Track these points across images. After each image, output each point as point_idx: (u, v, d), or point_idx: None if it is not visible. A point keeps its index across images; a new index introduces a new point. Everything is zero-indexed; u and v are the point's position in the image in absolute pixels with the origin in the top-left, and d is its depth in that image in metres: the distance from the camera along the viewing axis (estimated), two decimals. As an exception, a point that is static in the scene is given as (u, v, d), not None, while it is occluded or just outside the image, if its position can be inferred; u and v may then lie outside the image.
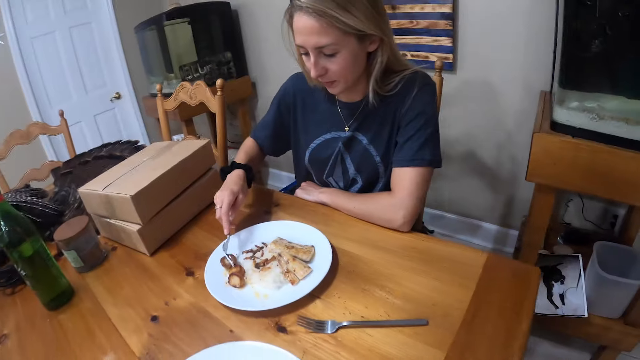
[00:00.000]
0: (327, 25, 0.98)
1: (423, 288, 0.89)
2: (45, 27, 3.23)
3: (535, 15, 1.83)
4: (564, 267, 1.76)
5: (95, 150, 1.75)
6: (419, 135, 1.13)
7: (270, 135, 1.44)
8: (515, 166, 2.23)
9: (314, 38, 1.01)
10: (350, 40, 1.03)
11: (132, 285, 1.07)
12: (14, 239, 0.95)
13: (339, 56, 1.04)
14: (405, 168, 1.13)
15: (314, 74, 1.08)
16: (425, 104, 1.14)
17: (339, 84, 1.13)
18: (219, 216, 1.10)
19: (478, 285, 0.87)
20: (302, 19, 1.00)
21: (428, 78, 1.18)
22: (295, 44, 1.08)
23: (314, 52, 1.04)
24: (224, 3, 3.14)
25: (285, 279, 0.95)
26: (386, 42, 1.09)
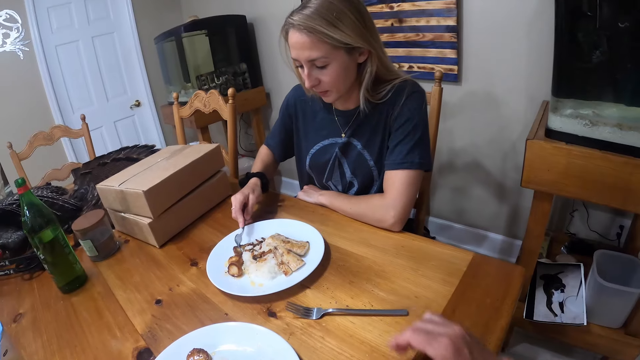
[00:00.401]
0: (317, 41, 1.08)
1: (408, 283, 0.94)
2: (70, 36, 3.37)
3: (538, 27, 1.87)
4: (565, 275, 1.79)
5: (114, 153, 1.84)
6: (408, 139, 1.21)
7: (280, 142, 1.55)
8: (519, 176, 2.17)
9: (306, 52, 1.11)
10: (339, 53, 1.12)
11: (140, 274, 1.16)
12: (35, 225, 1.05)
13: (330, 68, 1.14)
14: (396, 171, 1.20)
15: (307, 85, 1.18)
16: (414, 110, 1.22)
17: (332, 94, 1.22)
18: (234, 215, 1.22)
19: (461, 282, 0.92)
20: (295, 35, 1.10)
21: (417, 86, 1.26)
22: (291, 57, 1.18)
23: (307, 64, 1.14)
24: (239, 16, 3.24)
25: (280, 270, 1.02)
26: (374, 54, 1.17)
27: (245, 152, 3.95)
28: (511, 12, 1.94)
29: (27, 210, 1.05)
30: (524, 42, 1.95)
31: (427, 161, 1.22)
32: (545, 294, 1.77)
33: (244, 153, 3.93)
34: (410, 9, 2.27)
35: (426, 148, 1.24)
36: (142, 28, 3.73)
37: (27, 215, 1.05)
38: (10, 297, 1.17)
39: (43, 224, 1.06)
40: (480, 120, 2.28)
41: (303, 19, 1.07)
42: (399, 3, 2.29)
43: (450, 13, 2.12)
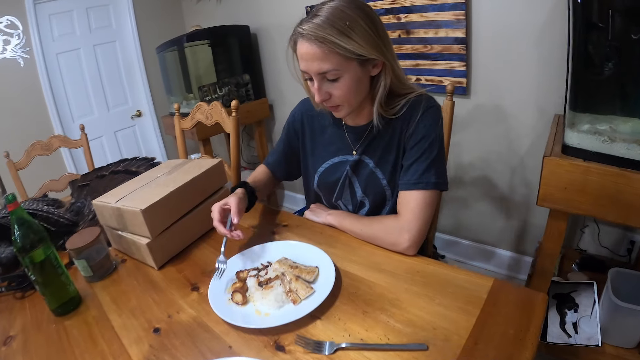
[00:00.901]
0: (329, 52, 1.01)
1: (425, 313, 0.88)
2: (71, 44, 3.35)
3: (548, 39, 1.84)
4: (578, 294, 1.72)
5: (113, 165, 1.79)
6: (424, 158, 1.14)
7: (282, 160, 1.47)
8: (529, 191, 2.21)
9: (316, 64, 1.04)
10: (352, 65, 1.05)
11: (137, 297, 1.08)
12: (26, 244, 0.99)
13: (342, 81, 1.07)
14: (411, 191, 1.13)
15: (317, 99, 1.11)
16: (429, 127, 1.15)
17: (343, 108, 1.15)
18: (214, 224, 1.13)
19: (482, 311, 0.86)
20: (304, 46, 1.04)
21: (432, 100, 1.19)
22: (300, 69, 1.12)
23: (317, 77, 1.07)
24: (243, 27, 3.21)
25: (287, 298, 0.95)
26: (388, 66, 1.10)
27: (248, 165, 3.90)
28: (521, 24, 1.91)
29: (17, 228, 0.98)
30: (534, 54, 1.92)
31: (443, 180, 1.16)
32: (559, 314, 1.71)
33: (246, 166, 3.88)
34: (418, 20, 2.24)
35: (443, 167, 1.17)
36: (144, 37, 3.71)
37: (17, 233, 0.98)
38: (1, 318, 1.11)
39: (34, 242, 1.00)
40: (488, 134, 2.24)
41: (313, 28, 1.00)
42: (407, 14, 2.27)
43: (459, 24, 2.09)
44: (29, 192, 2.44)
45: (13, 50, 3.05)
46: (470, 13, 2.05)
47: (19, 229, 0.98)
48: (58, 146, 2.55)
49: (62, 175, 2.53)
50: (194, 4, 3.79)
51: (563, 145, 1.44)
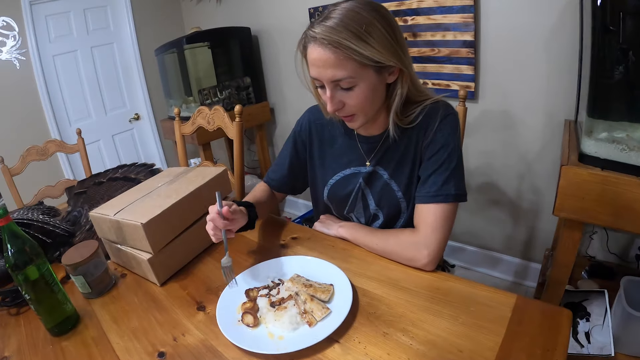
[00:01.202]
0: (344, 58, 0.93)
1: (448, 333, 0.82)
2: (68, 46, 3.29)
3: (558, 43, 1.82)
4: (589, 303, 1.67)
5: (111, 171, 1.72)
6: (443, 169, 1.08)
7: (286, 175, 1.38)
8: (537, 197, 2.18)
9: (330, 71, 0.96)
10: (368, 73, 0.98)
11: (139, 316, 1.02)
12: (19, 261, 0.92)
13: (357, 89, 0.99)
14: (429, 204, 1.07)
15: (330, 109, 1.03)
16: (448, 136, 1.08)
17: (357, 118, 1.07)
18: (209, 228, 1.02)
19: (507, 330, 0.81)
20: (316, 51, 0.96)
21: (450, 108, 1.12)
22: (310, 76, 1.04)
23: (330, 85, 0.99)
24: (244, 28, 3.16)
25: (302, 320, 0.89)
26: (406, 73, 1.03)
27: (248, 170, 3.84)
28: (530, 27, 1.88)
29: (9, 244, 0.92)
30: (543, 58, 1.89)
31: (463, 192, 1.09)
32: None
33: (247, 170, 3.81)
34: (425, 23, 2.20)
35: (462, 177, 1.10)
36: (142, 39, 3.66)
37: (9, 249, 0.92)
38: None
39: (28, 259, 0.93)
40: (496, 140, 2.21)
41: (327, 31, 0.92)
42: (414, 17, 2.23)
43: (467, 27, 2.06)
44: (24, 198, 2.37)
45: (9, 52, 3.01)
46: (478, 16, 2.02)
47: (11, 245, 0.92)
48: (54, 151, 2.48)
49: (59, 181, 2.46)
50: (194, 5, 3.76)
51: (580, 153, 1.40)
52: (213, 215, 1.00)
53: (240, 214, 1.07)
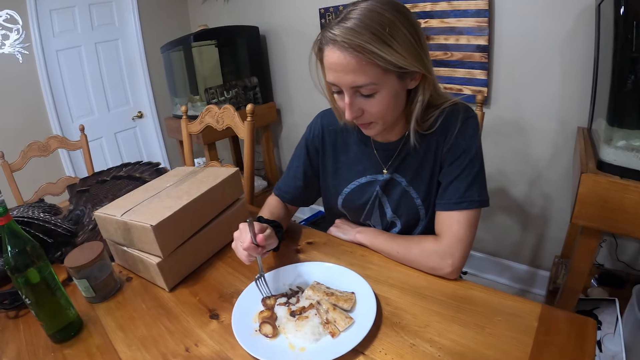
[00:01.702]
0: (366, 63, 0.86)
1: (477, 345, 0.79)
2: (72, 41, 3.25)
3: (572, 49, 1.80)
4: (601, 311, 1.68)
5: (114, 169, 1.68)
6: (465, 175, 1.03)
7: (300, 187, 1.30)
8: (547, 204, 2.16)
9: (350, 77, 0.89)
10: (390, 79, 0.91)
11: (147, 324, 0.96)
12: (20, 263, 0.86)
13: (378, 96, 0.93)
14: (452, 212, 1.02)
15: (349, 116, 0.96)
16: (469, 140, 1.04)
17: (376, 126, 1.01)
18: (245, 246, 0.95)
19: (535, 341, 0.77)
20: (335, 54, 0.88)
21: (470, 110, 1.07)
22: (327, 80, 0.97)
23: (349, 91, 0.93)
24: (252, 27, 3.13)
25: (325, 331, 0.84)
26: (429, 79, 0.98)
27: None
28: (545, 33, 1.87)
29: (9, 244, 0.86)
30: (557, 64, 1.87)
31: (486, 197, 1.04)
32: (583, 332, 1.66)
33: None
34: (438, 26, 2.18)
35: (484, 182, 1.06)
36: (147, 36, 3.62)
37: (9, 250, 0.86)
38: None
39: (29, 262, 0.88)
40: (507, 146, 2.19)
41: (348, 33, 0.85)
42: (427, 19, 2.20)
43: (481, 32, 2.03)
44: (24, 195, 2.32)
45: (12, 46, 2.97)
46: (493, 20, 2.00)
47: (11, 246, 0.86)
48: (56, 147, 2.43)
49: (60, 179, 2.42)
50: (200, 3, 3.72)
51: (598, 161, 1.39)
52: (248, 244, 0.94)
53: (273, 239, 1.02)
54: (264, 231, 0.98)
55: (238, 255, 0.99)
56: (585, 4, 1.69)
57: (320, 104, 1.21)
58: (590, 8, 1.68)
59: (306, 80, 3.04)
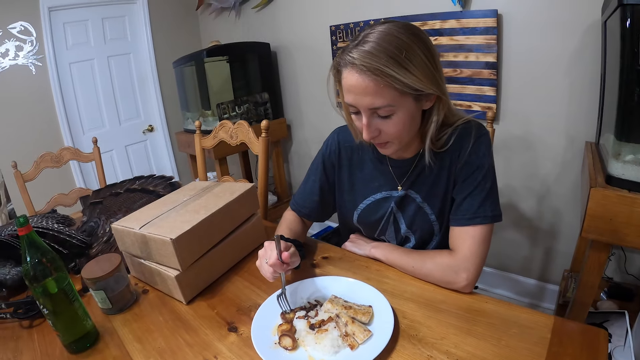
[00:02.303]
0: (384, 86, 0.89)
1: (493, 356, 0.79)
2: (85, 54, 3.29)
3: (580, 65, 1.82)
4: (611, 324, 1.69)
5: (128, 182, 1.69)
6: (478, 191, 1.05)
7: (316, 201, 1.31)
8: (555, 219, 2.16)
9: (368, 99, 0.92)
10: (407, 101, 0.94)
11: (165, 337, 0.97)
12: (38, 273, 0.88)
13: (395, 117, 0.95)
14: (466, 227, 1.04)
15: (367, 137, 0.98)
16: (482, 157, 1.05)
17: (392, 145, 1.04)
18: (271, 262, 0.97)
19: (549, 352, 0.78)
20: (354, 77, 0.91)
21: (482, 128, 1.09)
22: (345, 101, 0.99)
23: (367, 112, 0.95)
24: (263, 44, 3.16)
25: (344, 343, 0.85)
26: (443, 100, 1.00)
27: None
28: (552, 49, 1.89)
29: (28, 254, 0.87)
30: (565, 80, 1.89)
31: (499, 212, 1.06)
32: (593, 345, 1.66)
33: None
34: (448, 44, 2.19)
35: (497, 198, 1.07)
36: (159, 51, 3.66)
37: (28, 260, 0.87)
38: (6, 348, 0.99)
39: (47, 272, 0.89)
40: (516, 161, 2.20)
41: (367, 57, 0.87)
42: (437, 37, 2.22)
43: (490, 49, 2.05)
44: (36, 205, 2.33)
45: (25, 57, 3.02)
46: (501, 38, 2.02)
47: (30, 256, 0.87)
48: (69, 159, 2.45)
49: (72, 190, 2.43)
50: (212, 19, 3.76)
51: (607, 175, 1.39)
52: (274, 261, 0.97)
53: (297, 256, 1.05)
54: (288, 249, 1.01)
55: (263, 272, 1.01)
56: (592, 21, 1.72)
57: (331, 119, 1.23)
58: (596, 24, 1.70)
59: (317, 96, 3.08)
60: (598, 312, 1.74)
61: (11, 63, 2.95)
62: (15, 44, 2.95)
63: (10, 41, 2.93)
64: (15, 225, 0.86)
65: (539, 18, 1.88)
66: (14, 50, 2.95)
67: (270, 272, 0.98)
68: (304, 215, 1.34)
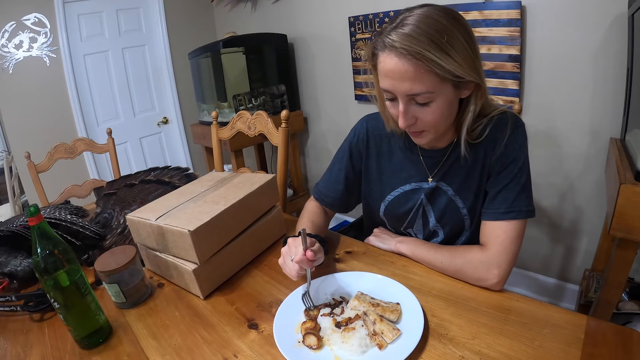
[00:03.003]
0: (424, 71, 0.84)
1: (527, 357, 0.75)
2: (99, 46, 3.29)
3: (605, 59, 1.77)
4: (633, 325, 1.66)
5: (143, 173, 1.66)
6: (514, 184, 1.00)
7: (342, 191, 1.26)
8: (578, 216, 2.11)
9: (407, 84, 0.86)
10: (446, 88, 0.89)
11: (182, 333, 0.93)
12: (49, 265, 0.84)
13: (433, 105, 0.90)
14: (500, 222, 0.99)
15: (403, 124, 0.93)
16: (518, 149, 1.00)
17: (428, 134, 0.98)
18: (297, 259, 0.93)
19: (583, 353, 0.75)
20: (392, 61, 0.86)
21: (519, 119, 1.04)
22: (381, 87, 0.94)
23: (404, 99, 0.90)
24: (280, 35, 3.13)
25: (372, 342, 0.80)
26: (482, 88, 0.95)
27: (276, 179, 3.76)
28: (577, 42, 1.84)
29: (39, 245, 0.84)
30: (590, 74, 1.84)
31: (533, 208, 1.01)
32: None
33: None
34: (470, 35, 2.10)
35: (531, 193, 1.02)
36: (174, 42, 3.65)
37: (39, 252, 0.83)
38: (16, 341, 0.96)
39: (59, 264, 0.85)
40: (538, 157, 2.14)
41: (406, 40, 0.82)
42: (459, 28, 2.13)
43: (513, 41, 1.99)
44: (49, 196, 2.32)
45: (39, 49, 3.02)
46: (525, 30, 1.97)
47: (41, 247, 0.84)
48: (83, 150, 2.43)
49: (86, 181, 2.41)
50: (228, 10, 3.74)
51: (636, 172, 1.35)
52: (301, 257, 0.92)
53: (322, 253, 1.00)
54: (313, 245, 0.97)
55: (287, 270, 0.97)
56: (618, 13, 1.66)
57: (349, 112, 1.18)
58: (622, 16, 1.65)
59: (334, 89, 3.04)
60: (620, 313, 1.71)
61: (25, 55, 2.96)
62: (29, 36, 2.95)
63: (25, 33, 2.93)
64: (26, 215, 0.82)
65: (563, 10, 1.82)
66: (28, 41, 2.95)
67: (296, 269, 0.93)
68: (327, 204, 1.30)
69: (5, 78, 2.91)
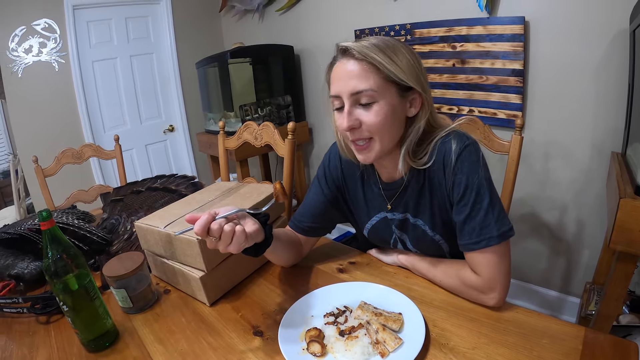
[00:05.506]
0: (368, 69, 0.91)
1: None
2: (108, 53, 3.32)
3: (606, 74, 1.79)
4: (633, 338, 1.66)
5: (149, 180, 1.68)
6: (475, 212, 0.97)
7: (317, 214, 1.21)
8: (578, 229, 2.12)
9: (353, 82, 0.92)
10: (390, 90, 0.93)
11: (188, 338, 0.94)
12: (60, 269, 0.86)
13: (376, 106, 0.93)
14: (476, 252, 0.97)
15: (345, 124, 0.95)
16: (470, 173, 0.97)
17: (374, 144, 0.98)
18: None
19: None
20: (342, 64, 0.95)
21: (464, 138, 1.01)
22: (330, 95, 0.99)
23: (349, 100, 0.94)
24: (287, 47, 3.16)
25: (374, 351, 0.82)
26: (427, 104, 0.98)
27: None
28: (579, 57, 1.86)
29: (50, 249, 0.86)
30: (592, 89, 1.86)
31: (506, 227, 0.96)
32: (616, 359, 1.63)
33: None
34: (474, 50, 2.16)
35: (500, 212, 0.97)
36: (181, 51, 3.69)
37: (49, 255, 0.86)
38: (22, 344, 0.98)
39: (69, 268, 0.87)
40: (540, 170, 2.16)
41: (357, 45, 0.92)
42: (462, 43, 2.19)
43: (517, 56, 2.02)
44: (55, 201, 2.34)
45: (49, 54, 3.06)
46: (528, 44, 1.99)
47: (52, 252, 0.86)
48: (90, 156, 2.46)
49: (92, 187, 2.43)
50: (235, 21, 3.78)
51: (636, 186, 1.36)
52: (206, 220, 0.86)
53: (242, 236, 0.89)
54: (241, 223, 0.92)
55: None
56: (619, 29, 1.69)
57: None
58: (624, 33, 1.67)
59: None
60: (621, 326, 1.71)
61: (34, 59, 3.00)
62: (39, 41, 2.99)
63: (35, 37, 2.97)
64: (38, 219, 0.85)
65: (566, 26, 1.85)
66: (37, 46, 2.99)
67: (202, 224, 0.85)
68: (301, 230, 1.22)
69: (14, 82, 2.95)
